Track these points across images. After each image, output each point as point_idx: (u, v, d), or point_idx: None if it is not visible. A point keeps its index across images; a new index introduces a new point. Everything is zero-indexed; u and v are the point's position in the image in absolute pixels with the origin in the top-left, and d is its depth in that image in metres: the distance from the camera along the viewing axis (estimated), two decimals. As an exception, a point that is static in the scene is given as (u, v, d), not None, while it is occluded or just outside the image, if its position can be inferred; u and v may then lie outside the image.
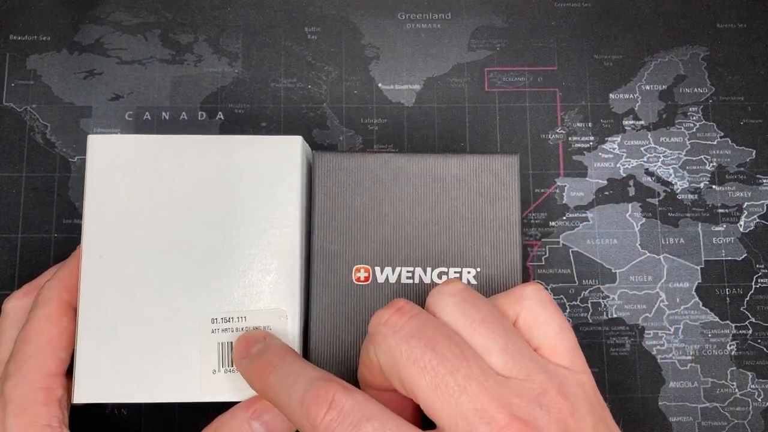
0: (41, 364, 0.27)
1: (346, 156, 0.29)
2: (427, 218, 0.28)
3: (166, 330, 0.27)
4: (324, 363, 0.28)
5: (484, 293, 0.28)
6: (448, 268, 0.28)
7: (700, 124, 0.37)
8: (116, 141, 0.29)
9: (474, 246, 0.28)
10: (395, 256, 0.28)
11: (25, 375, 0.26)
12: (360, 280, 0.28)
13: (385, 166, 0.29)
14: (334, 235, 0.28)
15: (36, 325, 0.27)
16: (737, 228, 0.36)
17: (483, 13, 0.39)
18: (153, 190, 0.28)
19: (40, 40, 0.38)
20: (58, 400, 0.26)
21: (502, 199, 0.29)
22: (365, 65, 0.38)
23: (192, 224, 0.28)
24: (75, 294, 0.28)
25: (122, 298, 0.27)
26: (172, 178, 0.28)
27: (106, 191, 0.28)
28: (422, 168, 0.29)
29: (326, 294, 0.28)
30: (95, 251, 0.28)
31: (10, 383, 0.26)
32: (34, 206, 0.36)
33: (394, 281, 0.28)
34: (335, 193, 0.29)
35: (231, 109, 0.37)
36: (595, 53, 0.38)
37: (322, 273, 0.28)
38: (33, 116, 0.37)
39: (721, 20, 0.39)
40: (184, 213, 0.28)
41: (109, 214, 0.28)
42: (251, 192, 0.28)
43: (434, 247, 0.28)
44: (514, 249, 0.28)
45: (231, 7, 0.38)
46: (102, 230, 0.28)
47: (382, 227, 0.28)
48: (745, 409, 0.35)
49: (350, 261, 0.28)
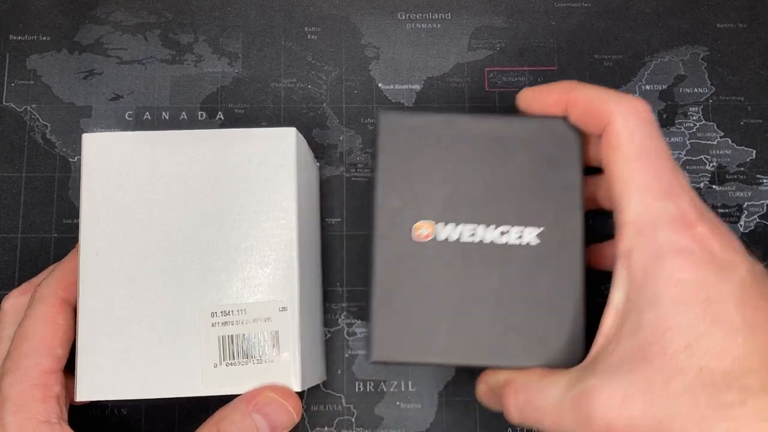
0: (37, 361, 0.27)
1: (409, 116, 0.29)
2: (490, 178, 0.29)
3: (166, 326, 0.27)
4: (386, 317, 0.28)
5: (546, 254, 0.28)
6: (509, 227, 0.28)
7: (700, 124, 0.37)
8: (110, 138, 0.29)
9: (536, 207, 0.28)
10: (456, 214, 0.28)
11: (21, 372, 0.26)
12: (421, 237, 0.28)
13: (448, 127, 0.29)
14: (396, 192, 0.28)
15: (32, 323, 0.27)
16: (737, 228, 0.36)
17: (483, 13, 0.39)
18: (148, 186, 0.28)
19: (40, 40, 0.38)
20: (55, 396, 0.27)
21: (563, 161, 0.29)
22: (365, 65, 0.38)
23: (188, 219, 0.28)
24: (72, 291, 0.28)
25: (121, 295, 0.27)
26: (166, 173, 0.28)
27: (101, 189, 0.28)
28: (485, 129, 0.29)
29: (389, 250, 0.28)
30: (92, 249, 0.28)
31: (7, 381, 0.26)
32: (34, 206, 0.36)
33: (455, 239, 0.28)
34: (399, 151, 0.29)
35: (231, 109, 0.37)
36: (595, 53, 0.38)
37: (385, 229, 0.28)
38: (33, 116, 0.37)
39: (721, 20, 0.39)
40: (180, 208, 0.28)
41: (106, 212, 0.28)
42: (246, 185, 0.28)
43: (496, 207, 0.28)
44: (576, 211, 0.28)
45: (231, 7, 0.38)
46: (98, 228, 0.28)
47: (444, 186, 0.28)
48: (745, 409, 0.35)
49: (412, 218, 0.28)
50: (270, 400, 0.26)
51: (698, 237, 0.23)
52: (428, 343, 0.27)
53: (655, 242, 0.23)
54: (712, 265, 0.23)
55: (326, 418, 0.34)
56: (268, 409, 0.26)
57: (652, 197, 0.24)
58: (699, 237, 0.23)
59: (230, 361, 0.27)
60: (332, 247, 0.36)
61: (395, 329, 0.28)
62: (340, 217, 0.36)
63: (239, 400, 0.27)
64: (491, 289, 0.28)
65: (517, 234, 0.28)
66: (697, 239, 0.23)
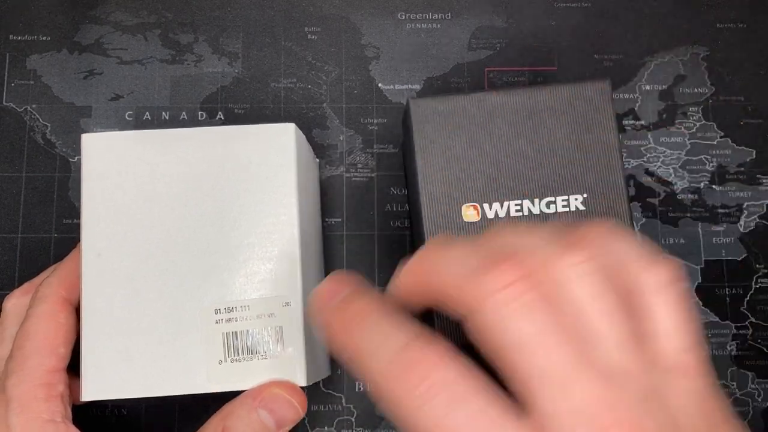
0: (40, 361, 0.27)
1: (440, 100, 0.29)
2: (528, 151, 0.29)
3: (169, 324, 0.27)
4: None
5: (594, 218, 0.28)
6: (555, 197, 0.28)
7: (700, 124, 0.37)
8: (110, 138, 0.29)
9: (577, 173, 0.29)
10: (501, 191, 0.29)
11: (25, 372, 0.26)
12: (470, 217, 0.28)
13: (480, 105, 0.29)
14: (438, 176, 0.29)
15: (34, 322, 0.27)
16: (737, 228, 0.36)
17: (483, 13, 0.39)
18: (148, 186, 0.28)
19: (40, 40, 0.38)
20: (59, 395, 0.27)
21: (598, 124, 0.29)
22: (365, 65, 0.38)
23: (189, 217, 0.28)
24: (73, 291, 0.29)
25: (124, 294, 0.27)
26: (166, 172, 0.28)
27: (101, 189, 0.28)
28: (516, 102, 0.29)
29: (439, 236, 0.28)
30: (94, 249, 0.28)
31: (11, 381, 0.26)
32: (34, 206, 0.36)
33: (503, 216, 0.28)
34: (434, 136, 0.29)
35: (231, 109, 0.37)
36: (595, 53, 0.38)
37: (432, 215, 0.28)
38: (33, 116, 0.37)
39: (721, 20, 0.39)
40: (181, 207, 0.28)
41: (106, 212, 0.28)
42: (246, 182, 0.28)
43: (539, 179, 0.29)
44: (617, 173, 0.29)
45: (231, 7, 0.38)
46: (99, 228, 0.28)
47: (484, 165, 0.29)
48: (745, 409, 0.35)
49: (458, 201, 0.28)
50: (275, 396, 0.26)
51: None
52: None
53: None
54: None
55: (326, 418, 0.34)
56: (273, 405, 0.26)
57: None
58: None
59: (235, 357, 0.27)
60: (332, 247, 0.36)
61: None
62: (340, 217, 0.36)
63: (245, 395, 0.26)
64: None
65: (563, 203, 0.28)
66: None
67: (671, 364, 0.20)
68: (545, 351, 0.18)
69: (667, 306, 0.20)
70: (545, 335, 0.18)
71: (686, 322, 0.20)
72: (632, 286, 0.20)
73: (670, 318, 0.20)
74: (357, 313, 0.21)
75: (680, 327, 0.20)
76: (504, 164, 0.29)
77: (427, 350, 0.19)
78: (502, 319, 0.18)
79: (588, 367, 0.18)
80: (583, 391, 0.18)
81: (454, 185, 0.29)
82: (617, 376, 0.18)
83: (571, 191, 0.29)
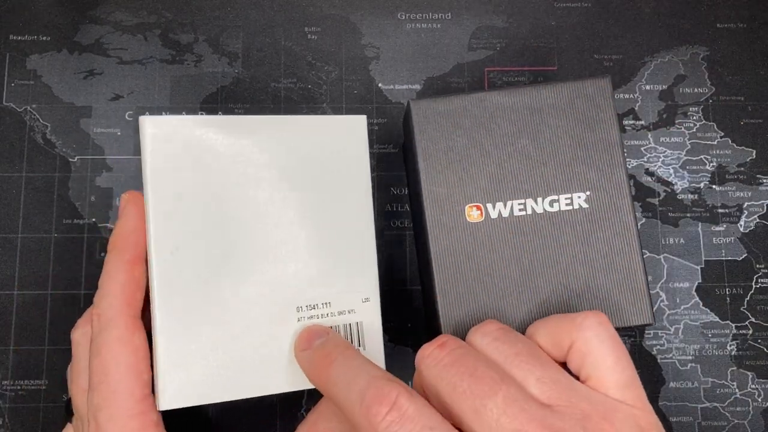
0: (128, 392, 0.25)
1: (440, 101, 0.29)
2: (530, 150, 0.29)
3: (249, 324, 0.26)
4: (451, 302, 0.28)
5: (597, 215, 0.28)
6: (558, 195, 0.29)
7: (700, 124, 0.37)
8: (173, 123, 0.26)
9: (579, 171, 0.29)
10: (504, 190, 0.29)
11: (116, 406, 0.25)
12: (473, 218, 0.28)
13: (481, 105, 0.29)
14: (441, 177, 0.29)
15: (110, 351, 0.26)
16: (737, 228, 0.36)
17: (483, 13, 0.39)
18: (218, 177, 0.26)
19: (40, 40, 0.38)
20: (154, 422, 0.26)
21: (599, 122, 0.29)
22: (365, 65, 0.38)
23: (264, 209, 0.26)
24: (134, 304, 0.27)
25: (200, 294, 0.26)
26: (237, 161, 0.26)
27: (167, 181, 0.26)
28: (517, 102, 0.29)
29: (443, 236, 0.28)
30: (166, 247, 0.25)
31: (103, 416, 0.25)
32: (34, 206, 0.36)
33: (507, 215, 0.28)
34: (436, 137, 0.29)
35: (231, 109, 0.37)
36: (595, 53, 0.38)
37: (436, 216, 0.28)
38: (33, 116, 0.37)
39: (721, 20, 0.39)
40: (254, 198, 0.26)
41: (175, 206, 0.26)
42: (321, 173, 0.27)
43: (541, 177, 0.29)
44: (619, 170, 0.29)
45: (231, 7, 0.38)
46: (171, 223, 0.26)
47: (487, 164, 0.29)
48: (745, 409, 0.35)
49: (461, 201, 0.29)
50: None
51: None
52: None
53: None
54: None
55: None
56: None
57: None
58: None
59: None
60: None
61: (459, 312, 0.28)
62: (340, 217, 0.36)
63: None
64: (549, 256, 0.28)
65: (566, 201, 0.28)
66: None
67: (599, 399, 0.22)
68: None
69: (602, 345, 0.23)
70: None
71: (621, 359, 0.23)
72: (568, 341, 0.24)
73: (608, 356, 0.23)
74: (327, 356, 0.24)
75: (617, 364, 0.23)
76: (506, 164, 0.29)
77: (392, 385, 0.22)
78: (432, 378, 0.23)
79: (517, 398, 0.22)
80: (517, 418, 0.21)
81: (457, 186, 0.29)
82: (550, 407, 0.22)
83: (574, 189, 0.29)
